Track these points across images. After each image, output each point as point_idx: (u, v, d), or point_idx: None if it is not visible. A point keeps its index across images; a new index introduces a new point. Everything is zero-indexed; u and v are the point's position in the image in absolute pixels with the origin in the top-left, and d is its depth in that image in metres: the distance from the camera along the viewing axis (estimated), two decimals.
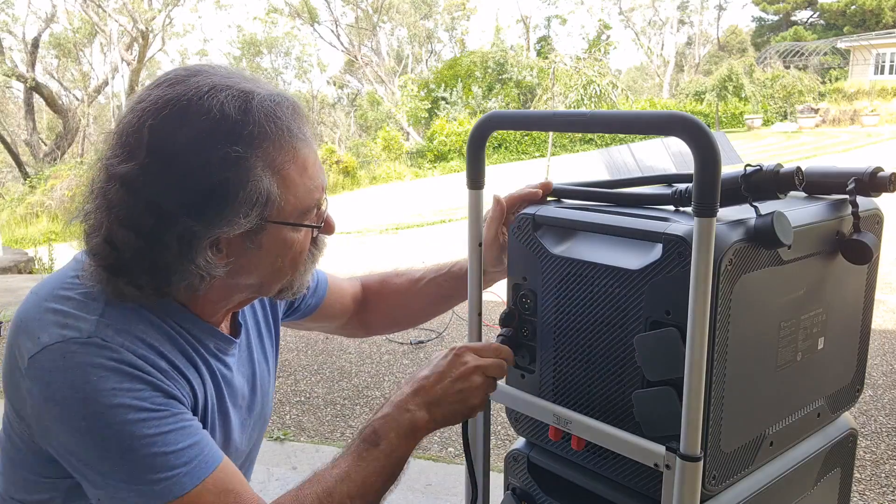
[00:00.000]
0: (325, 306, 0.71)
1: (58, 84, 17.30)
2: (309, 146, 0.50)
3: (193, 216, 0.45)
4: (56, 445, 0.47)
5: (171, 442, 0.46)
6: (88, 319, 0.46)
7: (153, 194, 0.45)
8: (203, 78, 0.47)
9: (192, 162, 0.45)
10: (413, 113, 15.57)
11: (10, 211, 9.77)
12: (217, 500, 0.46)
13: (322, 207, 0.52)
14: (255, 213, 0.47)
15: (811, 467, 0.56)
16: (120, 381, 0.45)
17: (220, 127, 0.45)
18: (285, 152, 0.47)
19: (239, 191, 0.46)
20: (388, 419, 0.50)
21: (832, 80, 16.63)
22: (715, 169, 0.41)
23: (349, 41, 21.32)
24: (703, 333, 0.42)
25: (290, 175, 0.48)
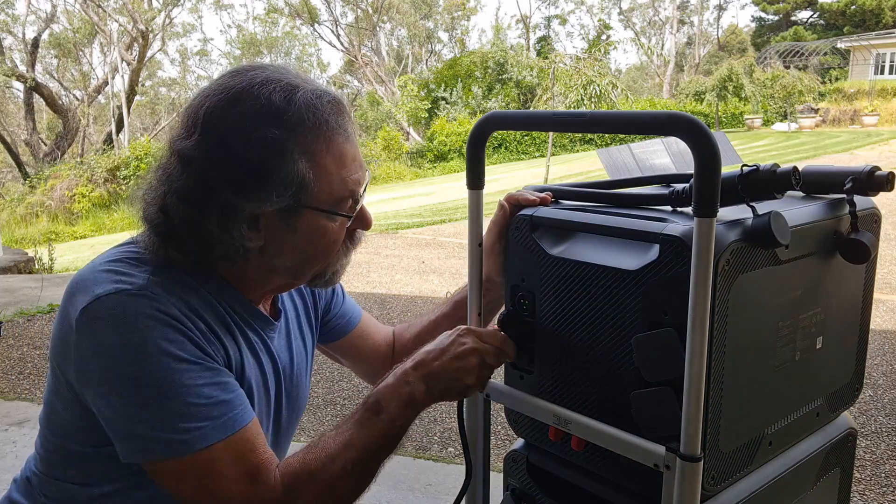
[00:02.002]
0: (357, 336, 0.73)
1: (58, 84, 17.31)
2: (348, 141, 0.53)
3: (234, 190, 0.50)
4: (95, 396, 0.49)
5: (205, 394, 0.49)
6: (139, 276, 0.51)
7: (202, 168, 0.50)
8: (260, 72, 0.52)
9: (237, 141, 0.50)
10: (413, 113, 15.58)
11: (10, 211, 9.78)
12: (237, 459, 0.49)
13: (359, 202, 0.55)
14: (290, 195, 0.51)
15: (810, 467, 0.56)
16: (165, 332, 0.49)
17: (264, 112, 0.50)
18: (322, 142, 0.51)
19: (275, 171, 0.50)
20: (390, 389, 0.52)
21: (832, 80, 16.64)
22: (715, 169, 0.41)
23: (349, 41, 21.33)
24: (703, 333, 0.42)
25: (326, 164, 0.52)
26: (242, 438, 0.50)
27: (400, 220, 6.45)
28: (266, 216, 0.51)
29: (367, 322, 0.75)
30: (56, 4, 16.27)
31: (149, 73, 19.18)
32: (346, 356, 0.74)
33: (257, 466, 0.50)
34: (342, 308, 0.72)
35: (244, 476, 0.49)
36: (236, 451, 0.49)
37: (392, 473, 1.74)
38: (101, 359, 0.48)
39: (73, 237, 8.36)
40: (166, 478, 0.49)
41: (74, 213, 9.31)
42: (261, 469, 0.50)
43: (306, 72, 2.48)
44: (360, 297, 3.51)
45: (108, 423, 0.50)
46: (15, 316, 3.14)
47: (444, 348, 0.53)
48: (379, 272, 4.12)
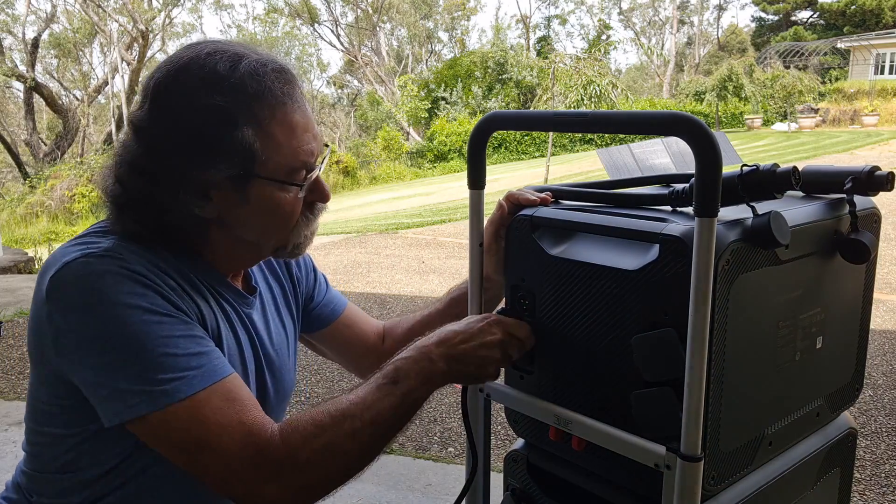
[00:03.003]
0: (342, 325, 0.72)
1: (58, 84, 17.31)
2: (298, 111, 0.53)
3: (181, 158, 0.51)
4: (74, 364, 0.49)
5: (181, 346, 0.48)
6: (107, 242, 0.51)
7: (151, 137, 0.51)
8: (210, 44, 0.53)
9: (182, 109, 0.50)
10: (413, 113, 15.58)
11: (10, 211, 9.78)
12: (223, 407, 0.48)
13: (313, 172, 0.54)
14: (237, 164, 0.51)
15: (811, 467, 0.56)
16: (133, 287, 0.49)
17: (209, 80, 0.50)
18: (267, 109, 0.51)
19: (220, 139, 0.50)
20: (410, 361, 0.51)
21: (832, 80, 16.63)
22: (716, 169, 0.41)
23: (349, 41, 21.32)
24: (703, 333, 0.42)
25: (274, 133, 0.52)
26: (226, 388, 0.48)
27: (400, 220, 6.44)
28: (218, 186, 0.51)
29: (353, 311, 0.74)
30: (56, 4, 16.28)
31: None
32: (332, 346, 0.73)
33: (248, 414, 0.48)
34: (326, 297, 0.72)
35: (235, 424, 0.47)
36: (221, 399, 0.48)
37: (392, 473, 1.74)
38: (72, 322, 0.48)
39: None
40: (154, 436, 0.48)
41: (74, 213, 9.32)
42: (253, 418, 0.48)
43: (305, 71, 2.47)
44: (360, 297, 3.51)
45: (89, 389, 0.48)
46: (15, 316, 3.15)
47: (473, 333, 0.52)
48: (379, 272, 4.12)
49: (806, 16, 22.19)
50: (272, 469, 0.47)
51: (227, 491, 0.48)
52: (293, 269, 0.69)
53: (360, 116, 19.37)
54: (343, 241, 5.29)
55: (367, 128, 18.36)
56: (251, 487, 0.47)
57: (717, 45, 24.13)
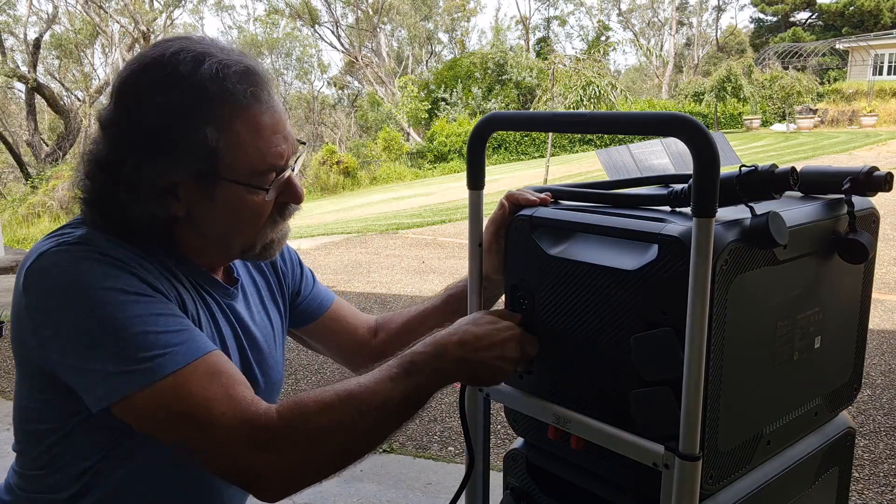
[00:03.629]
0: (330, 319, 0.72)
1: (59, 85, 17.31)
2: (267, 112, 0.52)
3: (140, 156, 0.51)
4: (56, 354, 0.48)
5: (161, 324, 0.48)
6: (79, 231, 0.52)
7: (114, 134, 0.52)
8: (176, 42, 0.52)
9: (143, 107, 0.51)
10: (413, 114, 15.59)
11: (12, 211, 9.78)
12: (209, 381, 0.47)
13: (283, 173, 0.54)
14: (200, 164, 0.51)
15: (809, 466, 0.56)
16: (108, 270, 0.49)
17: (171, 79, 0.50)
18: (230, 110, 0.51)
19: (179, 137, 0.50)
20: (427, 357, 0.50)
21: (830, 81, 16.66)
22: (714, 169, 0.41)
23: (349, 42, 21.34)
24: (701, 333, 0.42)
25: (239, 134, 0.51)
26: (210, 363, 0.47)
27: (400, 220, 6.45)
28: (184, 185, 0.51)
29: (341, 306, 0.73)
30: (57, 5, 16.29)
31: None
32: (321, 341, 0.73)
33: (235, 388, 0.47)
34: (313, 292, 0.71)
35: (222, 397, 0.46)
36: (206, 373, 0.47)
37: (392, 473, 1.74)
38: (50, 309, 0.47)
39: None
40: (141, 417, 0.47)
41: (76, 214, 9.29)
42: (242, 393, 0.47)
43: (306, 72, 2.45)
44: (360, 297, 3.51)
45: (72, 376, 0.48)
46: None
47: (494, 342, 0.51)
48: (379, 272, 4.12)
49: (804, 17, 22.22)
50: (265, 440, 0.46)
51: (221, 467, 0.47)
52: (278, 263, 0.68)
53: (360, 117, 19.38)
54: (343, 241, 5.29)
55: (367, 128, 18.37)
56: (244, 460, 0.45)
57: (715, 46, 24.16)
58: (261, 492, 0.47)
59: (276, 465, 0.46)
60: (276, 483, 0.47)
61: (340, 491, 1.61)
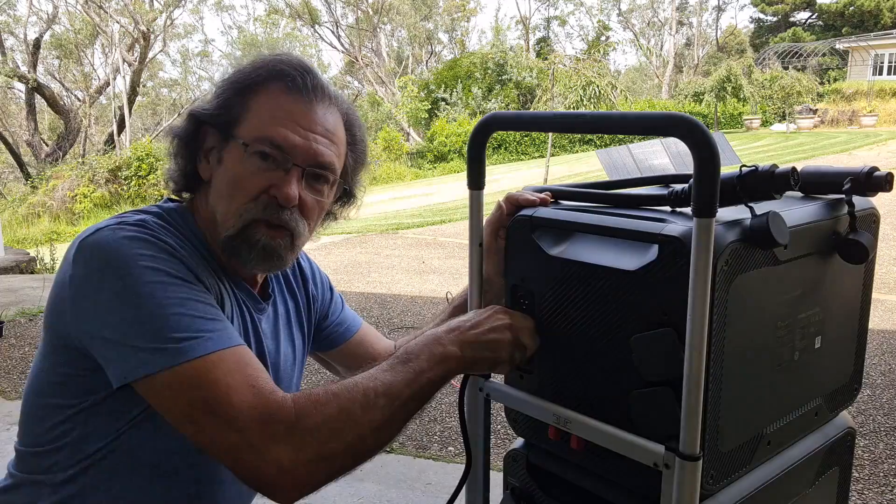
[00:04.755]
0: (356, 344, 0.73)
1: (59, 85, 17.32)
2: (306, 104, 0.56)
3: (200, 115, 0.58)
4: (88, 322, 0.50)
5: (199, 310, 0.50)
6: (140, 215, 0.55)
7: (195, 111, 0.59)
8: None
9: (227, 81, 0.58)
10: (413, 114, 15.59)
11: (12, 211, 9.79)
12: (235, 370, 0.48)
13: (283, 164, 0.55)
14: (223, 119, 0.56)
15: (809, 466, 0.56)
16: (157, 252, 0.51)
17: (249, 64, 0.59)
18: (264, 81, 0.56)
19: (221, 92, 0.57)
20: (420, 345, 0.51)
21: (830, 81, 16.66)
22: (714, 169, 0.41)
23: (349, 42, 21.35)
24: (702, 333, 0.42)
25: (259, 102, 0.56)
26: (238, 354, 0.48)
27: (400, 220, 6.45)
28: (210, 137, 0.57)
29: (367, 332, 0.75)
30: (57, 6, 16.30)
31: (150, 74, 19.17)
32: (344, 365, 0.74)
33: (259, 380, 0.47)
34: (341, 316, 0.73)
35: (245, 387, 0.46)
36: (233, 363, 0.47)
37: (392, 472, 1.74)
38: (94, 280, 0.49)
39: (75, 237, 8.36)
40: (162, 397, 0.47)
41: (76, 214, 9.32)
42: (265, 383, 0.47)
43: None
44: (360, 297, 3.52)
45: (103, 348, 0.48)
46: (16, 316, 3.15)
47: (480, 321, 0.52)
48: (379, 272, 4.12)
49: (804, 17, 22.22)
50: (281, 432, 0.45)
51: (236, 459, 0.46)
52: (310, 287, 0.70)
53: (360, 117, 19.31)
54: (343, 241, 5.30)
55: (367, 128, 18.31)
56: (260, 452, 0.45)
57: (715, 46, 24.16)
58: (279, 491, 0.46)
59: (293, 455, 0.45)
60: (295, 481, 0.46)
61: (340, 491, 1.62)
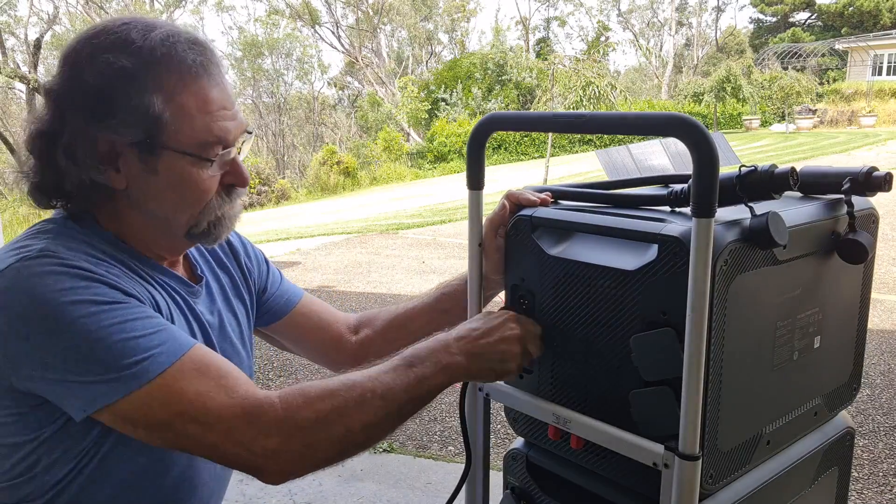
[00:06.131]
0: (299, 314, 0.71)
1: None
2: (215, 87, 0.52)
3: (81, 116, 0.50)
4: (27, 370, 0.47)
5: (138, 328, 0.47)
6: (39, 242, 0.50)
7: (57, 97, 0.51)
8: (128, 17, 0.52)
9: (87, 69, 0.50)
10: (413, 114, 15.59)
11: (13, 211, 9.78)
12: (197, 376, 0.46)
13: (229, 150, 0.53)
14: (142, 130, 0.50)
15: (808, 466, 0.56)
16: (74, 282, 0.47)
17: (118, 44, 0.50)
18: (177, 78, 0.50)
19: (122, 99, 0.49)
20: (428, 350, 0.51)
21: (830, 82, 16.68)
22: (713, 169, 0.41)
23: (350, 43, 21.36)
24: (701, 333, 0.42)
25: (185, 103, 0.51)
26: (195, 358, 0.47)
27: (400, 220, 6.45)
28: (125, 155, 0.51)
29: (311, 301, 0.73)
30: (58, 6, 16.29)
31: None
32: (291, 338, 0.72)
33: (226, 378, 0.46)
34: (280, 288, 0.71)
35: (214, 388, 0.46)
36: (193, 369, 0.46)
37: (392, 472, 1.74)
38: (21, 329, 0.46)
39: None
40: (130, 421, 0.46)
41: None
42: (234, 380, 0.47)
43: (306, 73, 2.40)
44: (360, 297, 3.51)
45: (54, 389, 0.47)
46: None
47: (492, 328, 0.52)
48: (379, 272, 4.12)
49: (804, 17, 22.24)
50: (268, 424, 0.46)
51: (224, 455, 0.46)
52: (242, 260, 0.68)
53: (360, 118, 19.38)
54: (344, 241, 5.30)
55: (367, 129, 18.37)
56: (249, 444, 0.45)
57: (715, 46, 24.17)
58: (266, 475, 0.47)
59: (283, 444, 0.46)
60: (281, 466, 0.46)
61: (340, 490, 1.61)
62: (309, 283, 3.85)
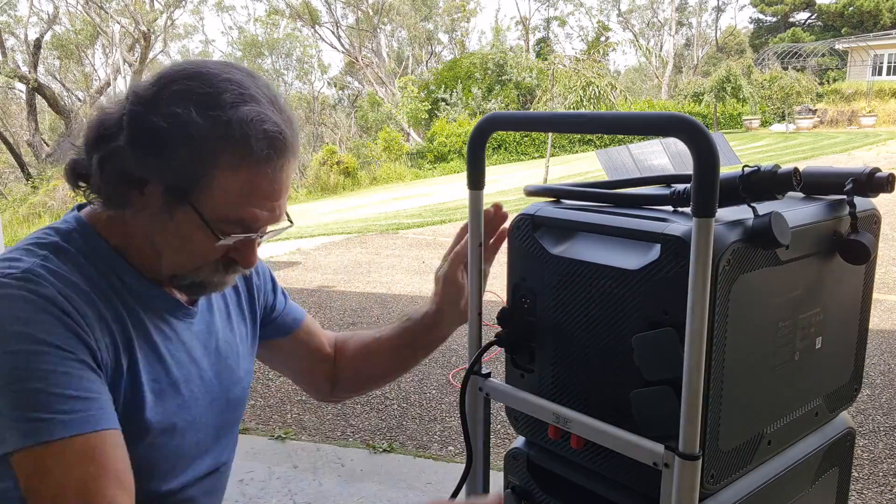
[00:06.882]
0: (305, 332, 0.71)
1: (60, 85, 17.32)
2: (272, 181, 0.51)
3: (131, 140, 0.49)
4: None
5: (60, 384, 0.45)
6: (29, 260, 0.50)
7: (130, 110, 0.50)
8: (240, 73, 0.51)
9: (164, 107, 0.49)
10: (413, 114, 15.60)
11: (13, 211, 9.79)
12: (74, 465, 0.44)
13: (248, 235, 0.52)
14: (179, 181, 0.49)
15: (809, 466, 0.56)
16: (31, 314, 0.46)
17: (205, 101, 0.48)
18: (237, 160, 0.49)
19: (176, 151, 0.49)
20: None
21: (830, 82, 16.69)
22: (713, 169, 0.41)
23: (350, 43, 21.37)
24: (701, 333, 0.42)
25: (229, 182, 0.50)
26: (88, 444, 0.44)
27: (400, 220, 6.45)
28: (153, 186, 0.50)
29: (311, 322, 0.73)
30: (58, 6, 16.29)
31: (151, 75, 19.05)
32: (289, 357, 0.71)
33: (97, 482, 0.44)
34: (286, 308, 0.71)
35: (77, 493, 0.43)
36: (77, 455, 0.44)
37: (392, 472, 1.74)
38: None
39: None
40: (21, 474, 0.44)
41: None
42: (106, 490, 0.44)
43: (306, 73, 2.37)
44: (360, 297, 3.52)
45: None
46: None
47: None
48: (379, 272, 4.13)
49: (804, 17, 22.25)
50: None
51: None
52: (252, 278, 0.67)
53: (360, 117, 19.39)
54: (344, 241, 5.30)
55: (367, 129, 18.38)
56: None
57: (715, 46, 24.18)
58: None
59: None
60: None
61: (341, 490, 1.61)
62: (309, 283, 3.86)
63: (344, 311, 3.18)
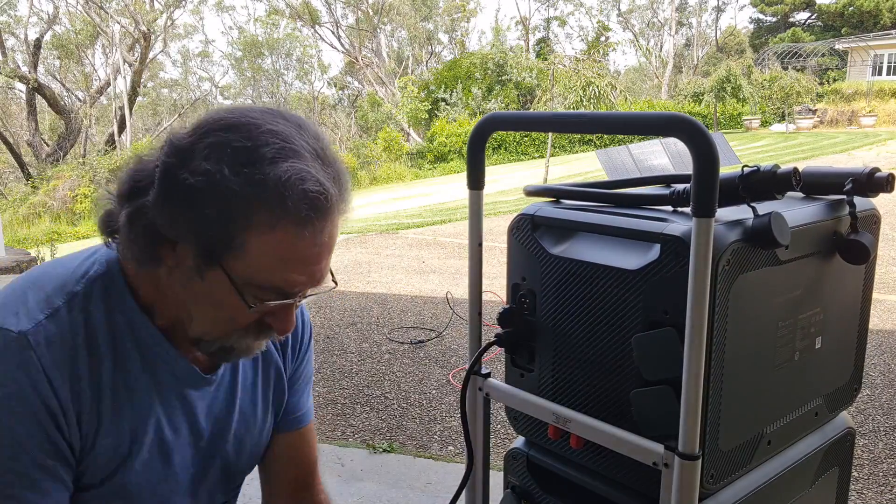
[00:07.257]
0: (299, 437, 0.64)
1: (60, 85, 17.33)
2: (312, 245, 0.46)
3: (165, 197, 0.45)
4: None
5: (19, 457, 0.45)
6: (34, 318, 0.47)
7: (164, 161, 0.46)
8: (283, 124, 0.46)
9: (196, 163, 0.44)
10: (413, 114, 15.60)
11: (13, 211, 9.79)
12: None
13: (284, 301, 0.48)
14: (211, 243, 0.45)
15: (809, 466, 0.56)
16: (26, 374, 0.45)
17: (241, 157, 0.44)
18: (275, 221, 0.45)
19: (207, 210, 0.44)
20: None
21: (830, 82, 16.69)
22: (713, 169, 0.41)
23: (350, 43, 21.37)
24: (701, 333, 0.42)
25: (265, 246, 0.45)
26: None
27: (400, 220, 6.45)
28: (183, 246, 0.46)
29: (312, 431, 0.65)
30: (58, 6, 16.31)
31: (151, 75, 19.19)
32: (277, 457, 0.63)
33: None
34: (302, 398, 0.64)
35: None
36: None
37: (392, 472, 1.74)
38: None
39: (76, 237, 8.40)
40: None
41: (77, 214, 9.32)
42: None
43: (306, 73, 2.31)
44: (360, 297, 3.51)
45: None
46: None
47: None
48: (379, 272, 4.12)
49: (804, 17, 22.25)
50: None
51: None
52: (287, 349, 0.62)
53: (360, 117, 19.39)
54: (344, 241, 5.29)
55: (367, 129, 18.38)
56: None
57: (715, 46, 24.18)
58: None
59: None
60: None
61: (341, 490, 1.61)
62: None
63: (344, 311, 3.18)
